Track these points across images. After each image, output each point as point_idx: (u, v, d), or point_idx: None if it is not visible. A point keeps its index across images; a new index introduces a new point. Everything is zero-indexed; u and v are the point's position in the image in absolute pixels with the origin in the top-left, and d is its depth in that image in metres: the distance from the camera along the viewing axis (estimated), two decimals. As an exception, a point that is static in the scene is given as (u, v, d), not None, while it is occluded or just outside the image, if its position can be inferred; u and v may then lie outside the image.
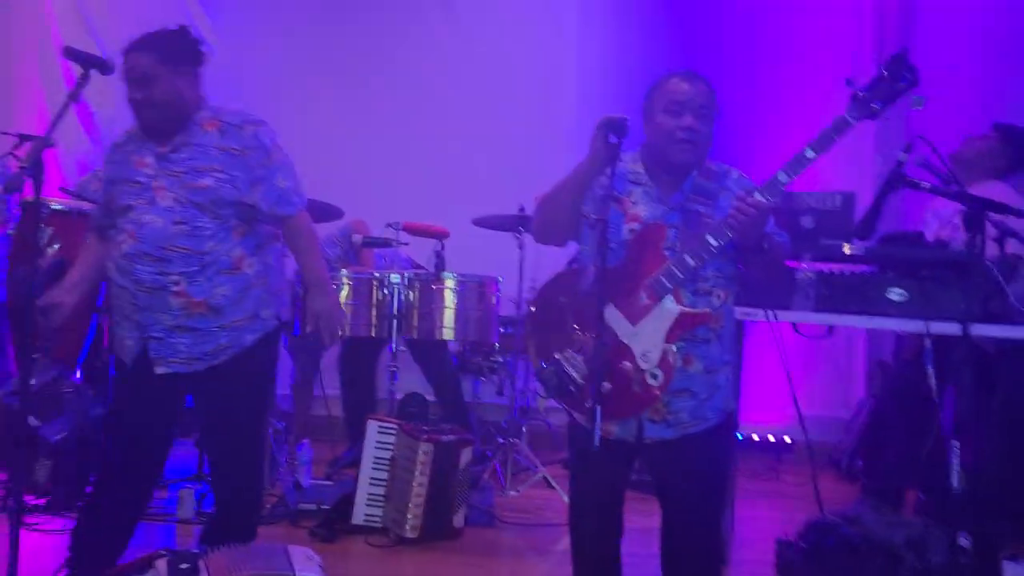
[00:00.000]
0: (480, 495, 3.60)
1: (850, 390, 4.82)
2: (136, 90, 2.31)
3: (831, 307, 2.95)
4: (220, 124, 2.38)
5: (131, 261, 2.30)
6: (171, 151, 2.34)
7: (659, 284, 1.98)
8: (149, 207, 2.32)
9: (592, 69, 4.54)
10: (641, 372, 1.98)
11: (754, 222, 1.92)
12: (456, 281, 3.53)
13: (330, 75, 4.83)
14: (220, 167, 2.33)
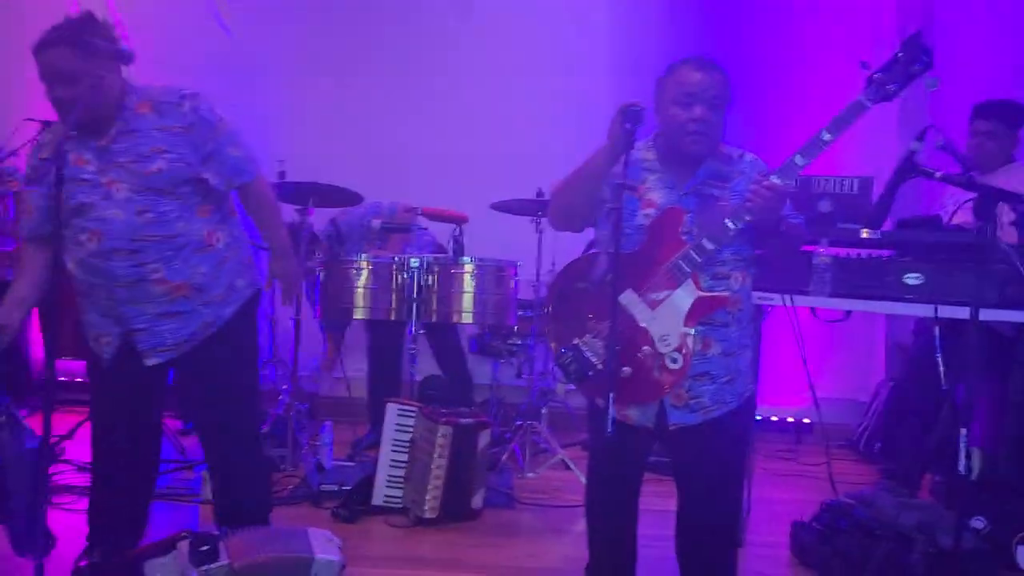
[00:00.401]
0: (499, 477, 3.66)
1: (869, 373, 4.81)
2: (60, 88, 2.19)
3: (848, 291, 2.94)
4: (153, 104, 2.32)
5: (103, 259, 2.27)
6: (110, 142, 2.28)
7: (678, 268, 2.01)
8: (106, 202, 2.27)
9: (613, 52, 4.53)
10: (660, 356, 2.01)
11: (771, 205, 1.94)
12: (475, 265, 3.56)
13: (348, 61, 4.84)
14: (166, 147, 2.29)
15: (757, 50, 4.62)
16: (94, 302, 2.36)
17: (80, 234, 2.28)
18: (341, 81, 4.81)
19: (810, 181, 3.07)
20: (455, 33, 4.87)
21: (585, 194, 2.10)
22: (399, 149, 4.26)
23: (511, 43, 4.82)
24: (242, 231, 2.55)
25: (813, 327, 3.35)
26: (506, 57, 4.79)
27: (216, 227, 2.41)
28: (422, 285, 3.47)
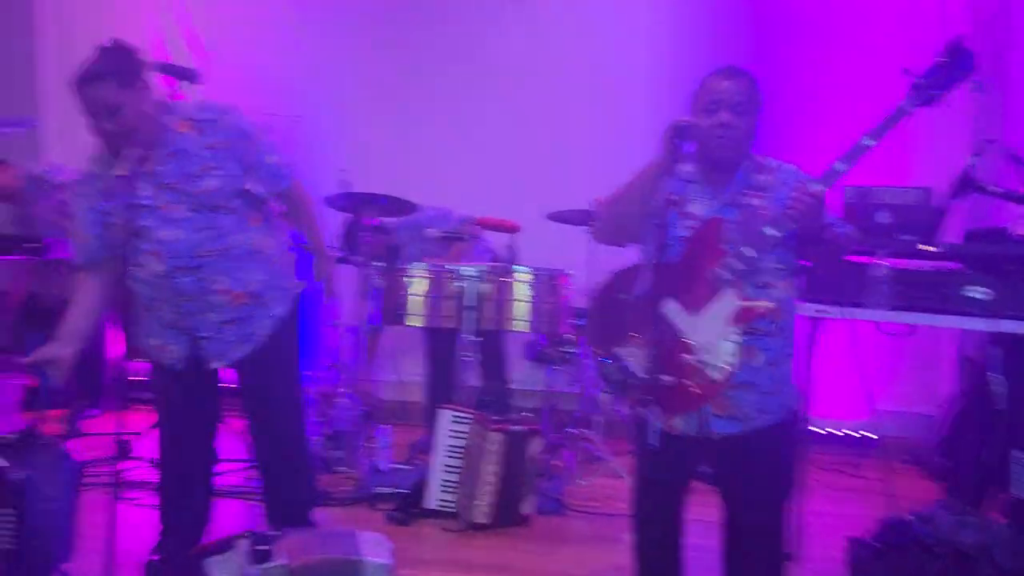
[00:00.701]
0: (550, 483, 3.68)
1: (938, 386, 4.65)
2: (105, 121, 2.25)
3: (907, 304, 2.87)
4: (193, 122, 2.39)
5: (167, 278, 2.37)
6: (157, 165, 2.34)
7: (719, 277, 2.01)
8: (165, 224, 2.35)
9: (663, 65, 4.49)
10: (702, 365, 2.01)
11: (812, 210, 1.94)
12: (529, 274, 3.60)
13: (405, 71, 4.90)
14: (214, 164, 2.37)
15: (802, 56, 4.55)
16: (159, 316, 2.48)
17: (142, 255, 2.38)
18: (397, 91, 4.89)
19: (868, 191, 3.02)
20: (514, 44, 4.89)
21: (635, 209, 2.11)
22: (454, 159, 4.32)
23: (568, 56, 4.83)
24: (285, 232, 2.68)
25: (878, 339, 3.28)
26: (562, 68, 4.82)
27: (267, 233, 2.53)
28: (477, 293, 3.52)
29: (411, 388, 4.14)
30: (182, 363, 2.51)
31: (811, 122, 4.33)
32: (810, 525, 3.40)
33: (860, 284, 2.90)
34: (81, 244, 2.45)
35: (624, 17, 4.82)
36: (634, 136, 2.32)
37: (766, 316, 2.04)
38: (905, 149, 4.23)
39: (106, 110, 2.24)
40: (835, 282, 2.94)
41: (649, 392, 2.04)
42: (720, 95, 2.04)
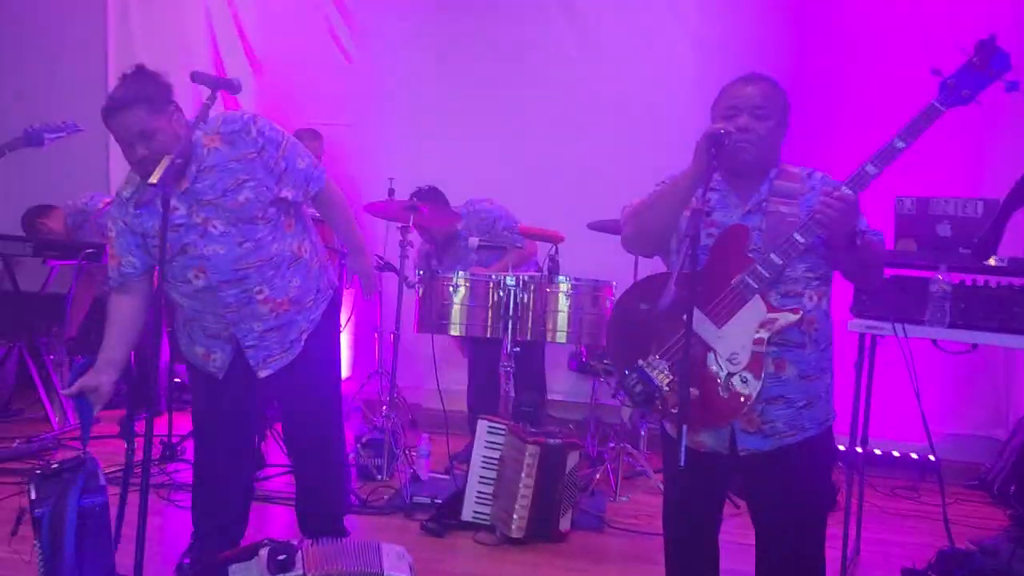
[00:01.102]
0: (590, 499, 3.60)
1: (1008, 408, 4.41)
2: (140, 147, 2.25)
3: (969, 322, 2.72)
4: (222, 136, 2.38)
5: (212, 291, 2.41)
6: (191, 183, 2.35)
7: (745, 285, 1.93)
8: (205, 240, 2.36)
9: (706, 79, 4.37)
10: (729, 377, 1.92)
11: (842, 217, 1.84)
12: (570, 285, 3.54)
13: (454, 83, 4.90)
14: (246, 176, 2.38)
15: (843, 62, 4.41)
16: (203, 327, 2.53)
17: (186, 271, 2.41)
18: (441, 102, 4.88)
19: (928, 203, 2.87)
20: (560, 55, 4.87)
21: (665, 218, 2.03)
22: (497, 168, 4.29)
23: (612, 67, 4.78)
24: (316, 235, 2.69)
25: (939, 358, 3.12)
26: (605, 80, 4.76)
27: (302, 238, 2.56)
28: (517, 303, 3.48)
29: (452, 397, 4.10)
30: (225, 371, 2.55)
31: (849, 127, 4.19)
32: (863, 553, 3.25)
33: (919, 300, 2.76)
34: (116, 266, 2.46)
35: (670, 32, 4.75)
36: (676, 146, 2.24)
37: (796, 326, 1.94)
38: (969, 158, 4.03)
39: (139, 136, 2.24)
40: (892, 298, 2.80)
41: (673, 406, 1.95)
42: (738, 100, 1.97)
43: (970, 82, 1.84)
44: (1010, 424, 4.33)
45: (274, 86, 4.95)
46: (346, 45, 5.14)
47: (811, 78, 4.33)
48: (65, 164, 5.22)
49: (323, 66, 5.12)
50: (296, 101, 5.05)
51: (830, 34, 4.47)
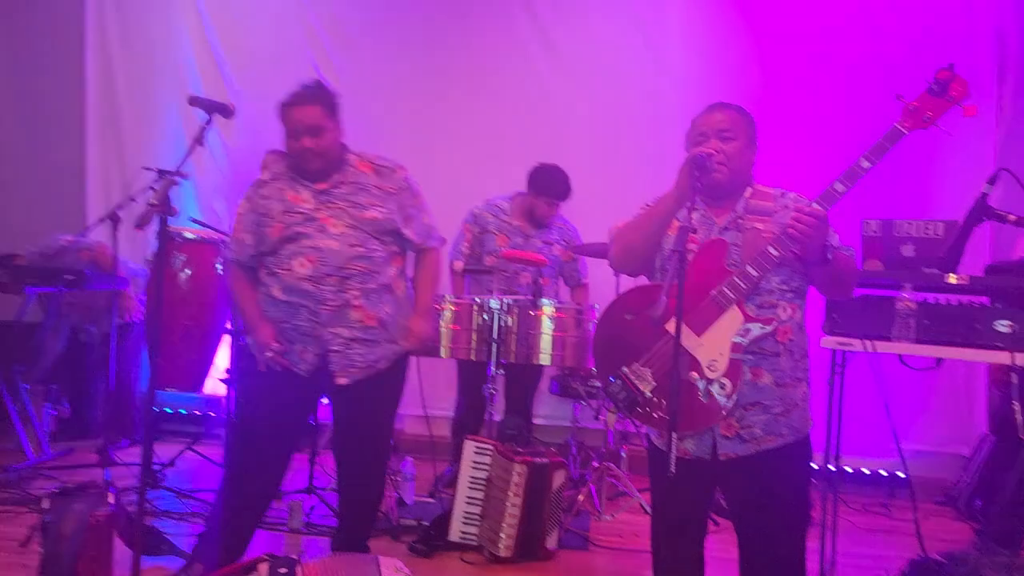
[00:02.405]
0: (575, 519, 3.66)
1: (972, 424, 4.57)
2: (307, 139, 2.58)
3: (933, 338, 2.85)
4: (374, 166, 2.74)
5: (315, 283, 2.59)
6: (332, 187, 2.66)
7: (723, 296, 2.04)
8: (322, 234, 2.61)
9: (689, 102, 4.54)
10: (708, 383, 2.03)
11: (813, 230, 1.97)
12: (553, 308, 3.63)
13: (428, 108, 5.01)
14: (379, 202, 2.68)
15: (813, 90, 4.62)
16: (295, 324, 2.65)
17: (292, 259, 2.61)
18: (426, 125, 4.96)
19: (892, 225, 3.02)
20: (539, 81, 5.00)
21: (649, 237, 2.15)
22: (477, 193, 4.37)
23: (593, 92, 4.92)
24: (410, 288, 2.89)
25: (907, 376, 3.25)
26: (588, 105, 4.90)
27: (400, 278, 2.79)
28: (502, 326, 3.56)
29: (437, 422, 4.15)
30: (308, 371, 2.67)
31: (819, 149, 4.38)
32: (839, 566, 3.34)
33: (886, 317, 2.89)
34: (237, 242, 2.75)
35: (647, 52, 4.91)
36: (663, 168, 2.37)
37: (771, 336, 2.05)
38: (931, 181, 4.24)
39: (310, 129, 2.58)
40: (860, 315, 2.93)
41: (656, 412, 2.05)
42: (706, 126, 2.14)
43: (931, 107, 1.98)
44: (973, 441, 4.49)
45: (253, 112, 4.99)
46: (326, 72, 5.22)
47: (783, 104, 4.52)
48: (40, 197, 5.25)
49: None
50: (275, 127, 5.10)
51: (800, 62, 4.67)
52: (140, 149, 5.27)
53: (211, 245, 4.06)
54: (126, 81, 5.40)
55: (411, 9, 5.13)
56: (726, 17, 4.80)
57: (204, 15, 5.31)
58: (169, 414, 5.21)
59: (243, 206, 2.76)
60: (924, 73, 2.04)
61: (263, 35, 5.26)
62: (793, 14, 4.70)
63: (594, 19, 4.96)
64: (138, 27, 5.38)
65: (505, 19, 5.05)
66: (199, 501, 3.71)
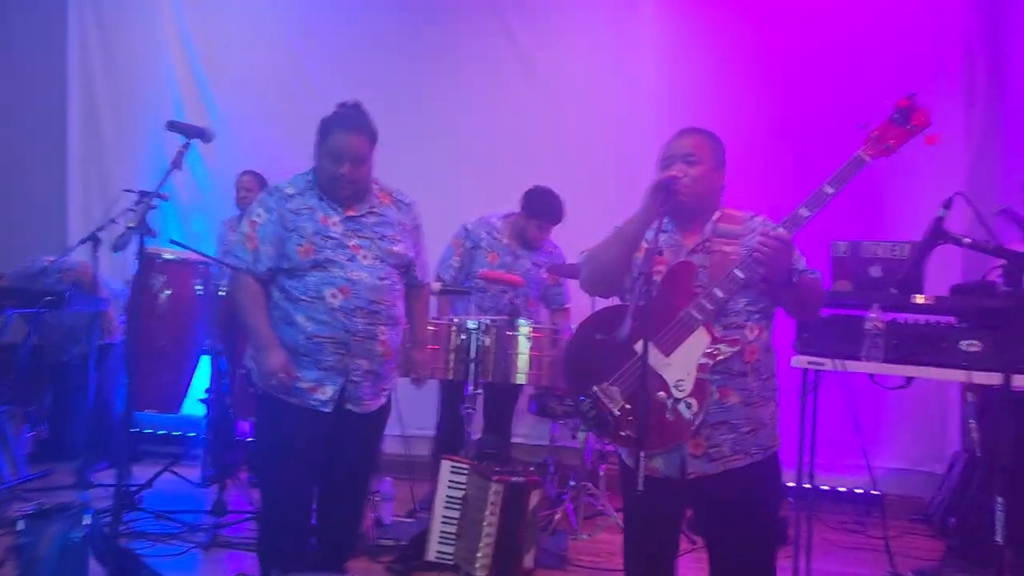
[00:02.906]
0: (552, 538, 3.67)
1: (945, 443, 4.63)
2: (350, 167, 2.56)
3: (901, 357, 2.91)
4: (393, 199, 2.75)
5: (348, 315, 2.57)
6: (361, 215, 2.64)
7: (690, 317, 2.09)
8: (353, 264, 2.59)
9: (662, 121, 4.62)
10: (676, 402, 2.07)
11: (778, 253, 2.02)
12: (530, 328, 3.66)
13: (413, 123, 5.01)
14: (401, 237, 2.71)
15: (798, 105, 4.71)
16: (319, 359, 2.60)
17: (323, 288, 2.56)
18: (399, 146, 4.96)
19: (860, 246, 3.08)
20: (515, 101, 5.06)
21: (618, 259, 2.19)
22: (456, 216, 4.42)
23: (567, 111, 4.99)
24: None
25: (881, 395, 3.31)
26: (562, 124, 4.96)
27: (403, 309, 2.79)
28: (479, 346, 3.58)
29: (416, 442, 4.16)
30: (331, 405, 2.64)
31: (787, 173, 4.45)
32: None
33: (856, 337, 2.95)
34: (252, 249, 2.61)
35: (621, 73, 4.98)
36: (635, 188, 2.42)
37: (738, 357, 2.09)
38: (902, 202, 4.31)
39: (355, 158, 2.56)
40: (830, 335, 2.99)
41: (625, 430, 2.09)
42: (672, 151, 2.20)
43: (893, 136, 2.04)
44: (947, 458, 4.55)
45: (234, 133, 5.01)
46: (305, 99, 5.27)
47: (755, 124, 4.59)
48: (21, 218, 5.26)
49: (285, 114, 5.22)
50: (255, 148, 5.15)
51: (771, 83, 4.76)
52: (122, 171, 5.30)
53: (191, 266, 4.08)
54: (108, 103, 5.43)
55: (392, 29, 5.20)
56: (698, 39, 4.89)
57: (186, 37, 5.37)
58: (147, 435, 5.19)
59: (260, 215, 2.62)
60: (895, 95, 2.10)
61: (245, 56, 5.31)
62: (764, 37, 4.79)
63: (570, 39, 5.05)
64: (120, 49, 5.43)
65: (484, 38, 5.12)
66: (177, 522, 3.71)
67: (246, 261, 2.61)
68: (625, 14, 4.98)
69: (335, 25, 5.28)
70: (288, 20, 5.31)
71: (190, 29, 5.36)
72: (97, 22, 5.44)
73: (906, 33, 4.65)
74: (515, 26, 5.11)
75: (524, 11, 5.11)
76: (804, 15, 4.76)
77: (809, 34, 4.75)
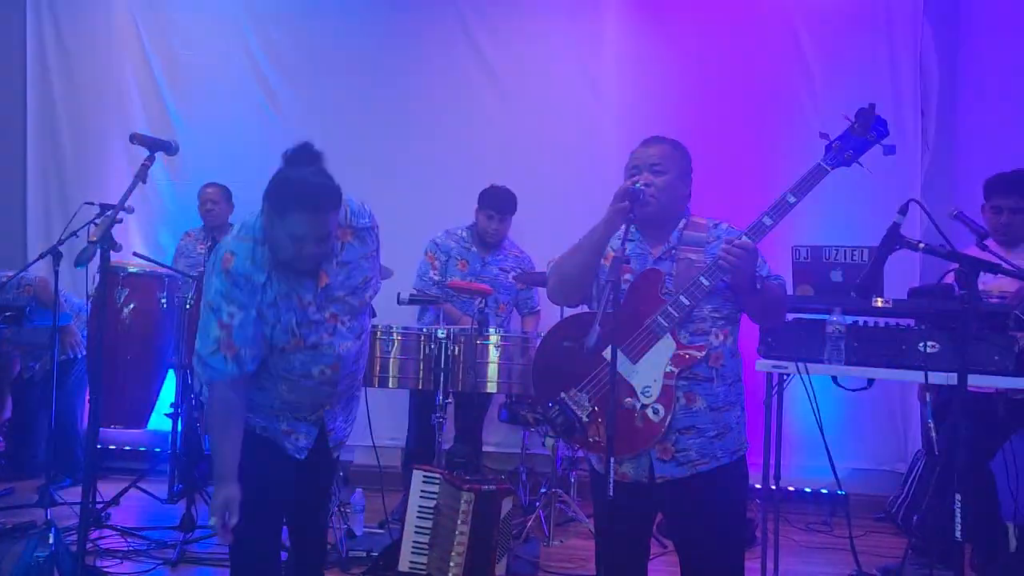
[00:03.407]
0: (524, 545, 3.69)
1: (907, 442, 4.73)
2: (314, 246, 2.15)
3: (863, 359, 2.98)
4: (354, 231, 2.32)
5: (333, 384, 2.36)
6: (330, 279, 2.29)
7: (657, 324, 2.12)
8: (336, 337, 2.32)
9: (625, 129, 4.67)
10: (643, 407, 2.10)
11: (742, 261, 2.06)
12: (500, 336, 3.68)
13: (378, 134, 5.07)
14: (371, 274, 2.40)
15: (760, 115, 4.80)
16: (295, 412, 2.39)
17: (311, 367, 2.31)
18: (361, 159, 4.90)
19: (821, 251, 3.15)
20: (481, 113, 5.09)
21: (583, 267, 2.22)
22: (422, 225, 4.43)
23: (532, 122, 5.02)
24: None
25: (844, 396, 3.37)
26: (526, 135, 5.00)
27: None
28: (449, 355, 3.59)
29: (386, 452, 4.15)
30: (304, 452, 2.42)
31: (751, 182, 4.51)
32: (783, 582, 3.43)
33: (818, 340, 3.01)
34: (232, 357, 2.18)
35: (584, 82, 5.03)
36: (600, 197, 2.45)
37: (703, 362, 2.13)
38: (861, 208, 4.42)
39: (319, 237, 2.14)
40: (793, 339, 3.05)
41: (593, 436, 2.11)
42: (639, 160, 2.22)
43: (853, 145, 2.10)
44: (908, 457, 4.64)
45: (198, 145, 4.97)
46: (270, 104, 5.25)
47: (717, 133, 4.65)
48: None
49: (248, 127, 5.20)
50: (219, 161, 5.12)
51: (733, 93, 4.83)
52: (82, 184, 5.24)
53: (155, 279, 4.04)
54: (67, 116, 5.39)
55: (353, 39, 5.20)
56: (661, 48, 4.94)
57: (148, 50, 5.33)
58: (112, 451, 5.11)
59: (233, 314, 2.18)
60: (852, 105, 2.16)
61: (208, 69, 5.28)
62: (726, 46, 4.87)
63: (533, 49, 5.08)
64: (80, 62, 5.38)
65: (446, 47, 5.14)
66: (145, 539, 3.66)
67: (226, 372, 2.18)
68: (588, 24, 5.03)
69: (298, 37, 5.27)
70: (251, 32, 5.28)
71: (151, 41, 5.32)
72: (56, 35, 5.39)
73: (863, 45, 4.77)
74: (479, 39, 5.13)
75: (487, 23, 5.13)
76: (766, 27, 4.85)
77: (771, 45, 4.85)
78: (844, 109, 2.17)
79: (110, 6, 5.35)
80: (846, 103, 2.25)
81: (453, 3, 5.15)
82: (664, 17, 4.96)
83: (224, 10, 5.29)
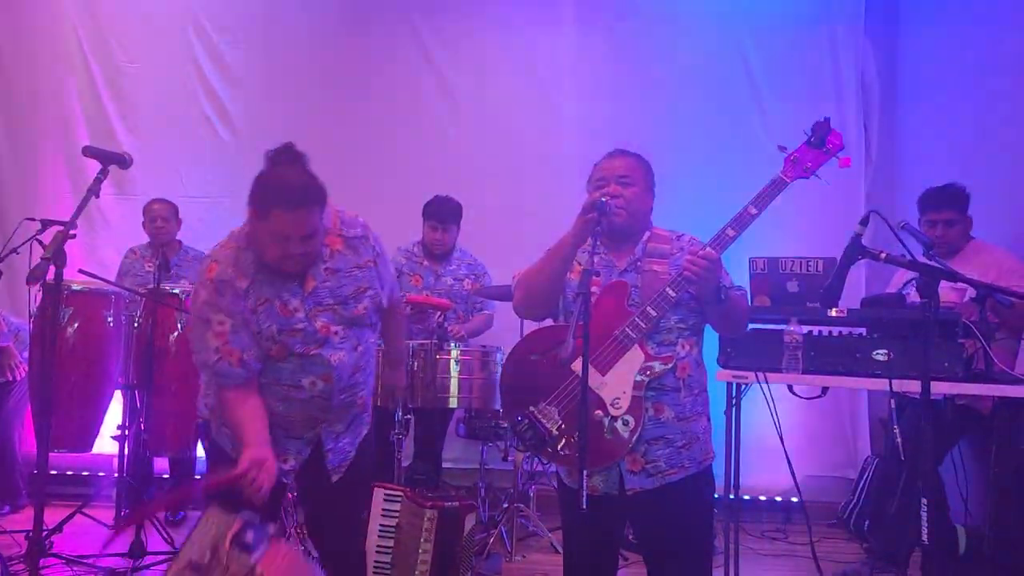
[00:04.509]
0: (487, 561, 3.65)
1: (857, 449, 4.84)
2: (299, 245, 2.12)
3: (818, 368, 3.03)
4: (344, 240, 2.29)
5: (326, 398, 2.27)
6: (317, 285, 2.24)
7: (625, 336, 2.13)
8: (326, 348, 2.24)
9: (582, 147, 4.70)
10: (613, 420, 2.10)
11: (706, 272, 2.08)
12: (459, 351, 3.65)
13: (332, 149, 4.90)
14: (367, 285, 2.31)
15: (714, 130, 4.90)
16: (287, 429, 2.33)
17: (300, 377, 2.25)
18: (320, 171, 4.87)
19: (777, 263, 3.21)
20: (440, 133, 5.09)
21: (552, 279, 2.22)
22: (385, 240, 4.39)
23: (492, 140, 5.03)
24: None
25: (797, 405, 3.43)
26: (487, 153, 5.00)
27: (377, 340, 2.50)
28: (408, 371, 3.55)
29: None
30: (291, 476, 2.36)
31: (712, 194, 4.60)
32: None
33: (776, 350, 3.05)
34: (236, 361, 2.19)
35: (541, 101, 5.08)
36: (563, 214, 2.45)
37: (670, 373, 2.14)
38: (810, 220, 4.53)
39: (304, 235, 2.11)
40: (751, 349, 3.09)
41: (563, 449, 2.11)
42: (606, 172, 2.24)
43: (810, 159, 2.15)
44: (859, 464, 4.75)
45: (142, 159, 4.85)
46: (221, 119, 5.16)
47: (674, 150, 4.71)
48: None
49: (195, 141, 5.10)
50: (165, 176, 5.01)
51: (688, 109, 4.94)
52: (19, 201, 5.07)
53: (101, 297, 3.90)
54: (6, 132, 5.21)
55: (306, 53, 5.15)
56: (618, 67, 5.02)
57: (92, 65, 5.19)
58: (55, 476, 4.91)
59: (222, 322, 2.19)
60: (800, 120, 2.21)
61: (154, 83, 5.17)
62: (683, 63, 4.98)
63: (487, 64, 5.11)
64: (17, 73, 5.21)
65: (403, 65, 5.13)
66: (90, 567, 3.51)
67: (237, 375, 2.20)
68: (546, 41, 5.08)
69: (248, 50, 5.20)
70: (199, 44, 5.19)
71: (94, 55, 5.18)
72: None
73: (808, 61, 4.93)
74: (433, 49, 5.13)
75: (445, 42, 5.14)
76: (720, 47, 4.97)
77: (726, 65, 4.97)
78: (792, 124, 2.22)
79: (50, 16, 5.19)
80: (793, 118, 2.30)
81: (407, 19, 5.14)
82: (623, 42, 5.04)
83: (171, 21, 5.19)
